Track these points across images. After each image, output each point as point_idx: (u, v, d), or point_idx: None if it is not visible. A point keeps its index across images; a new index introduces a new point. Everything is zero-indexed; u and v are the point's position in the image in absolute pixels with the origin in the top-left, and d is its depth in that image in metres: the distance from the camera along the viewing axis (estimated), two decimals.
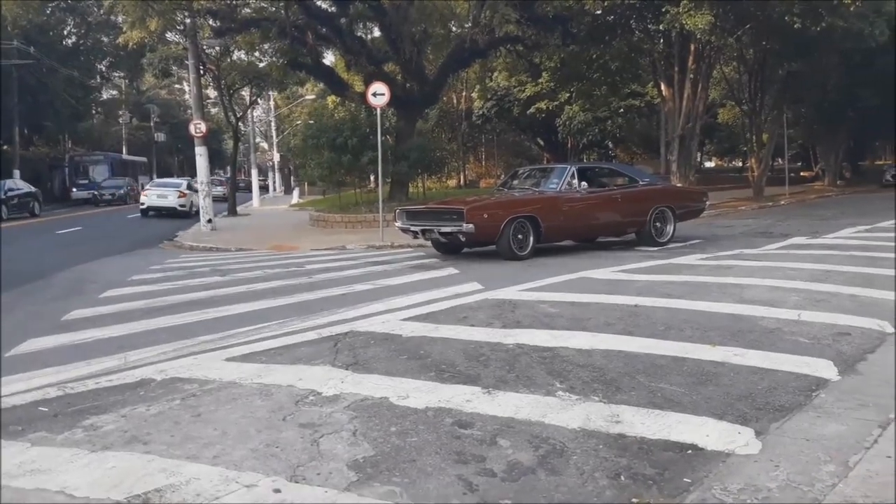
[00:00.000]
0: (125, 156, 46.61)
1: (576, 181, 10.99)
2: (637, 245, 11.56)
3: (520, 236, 10.20)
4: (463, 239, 10.35)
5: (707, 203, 13.35)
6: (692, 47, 19.56)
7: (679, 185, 14.69)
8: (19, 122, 37.00)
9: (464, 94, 41.11)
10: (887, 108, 27.78)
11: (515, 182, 12.52)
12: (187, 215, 24.31)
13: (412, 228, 10.94)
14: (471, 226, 9.86)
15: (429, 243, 11.47)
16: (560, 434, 3.29)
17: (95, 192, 36.08)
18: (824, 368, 4.23)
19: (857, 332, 5.07)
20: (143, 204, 26.25)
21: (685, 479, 2.83)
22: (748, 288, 6.89)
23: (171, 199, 25.88)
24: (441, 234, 10.43)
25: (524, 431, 3.33)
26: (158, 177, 47.96)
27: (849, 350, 4.66)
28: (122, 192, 36.64)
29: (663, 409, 3.60)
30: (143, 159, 50.59)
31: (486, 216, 10.12)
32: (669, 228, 11.79)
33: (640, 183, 12.18)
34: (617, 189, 11.88)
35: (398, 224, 11.29)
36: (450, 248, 11.19)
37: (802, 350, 4.64)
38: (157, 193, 26.29)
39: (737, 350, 4.62)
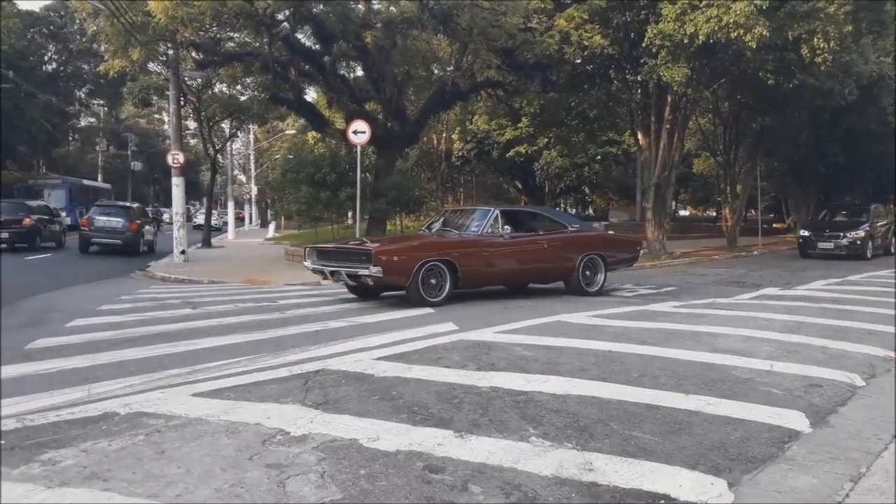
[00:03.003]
0: (86, 181, 43.76)
1: (499, 225, 10.51)
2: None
3: (433, 281, 9.56)
4: (371, 283, 9.58)
5: (641, 252, 12.79)
6: (669, 98, 19.98)
7: (612, 233, 14.22)
8: None
9: (444, 135, 41.46)
10: (854, 165, 28.52)
11: (441, 224, 11.76)
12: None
13: (323, 269, 10.14)
14: (378, 269, 9.16)
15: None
16: (532, 481, 3.24)
17: None
18: (796, 420, 4.24)
19: (828, 385, 5.11)
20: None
21: None
22: (721, 337, 6.93)
23: (198, 219, 36.75)
24: (348, 276, 9.68)
25: (496, 478, 3.28)
26: None
27: (820, 402, 4.68)
28: None
29: (636, 457, 3.57)
30: (108, 186, 47.99)
31: (395, 259, 9.44)
32: (600, 277, 11.31)
33: (570, 229, 11.64)
34: (543, 235, 11.32)
35: (307, 263, 10.51)
36: (365, 292, 10.36)
37: (775, 401, 4.64)
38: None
39: (710, 399, 4.61)
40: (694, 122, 25.79)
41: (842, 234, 20.53)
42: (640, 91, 21.05)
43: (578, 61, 18.62)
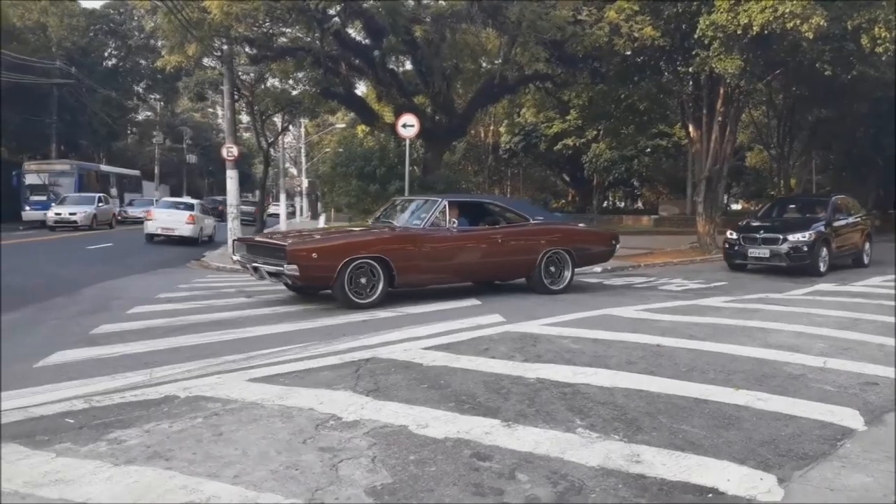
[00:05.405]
0: (105, 167, 39.40)
1: (446, 217, 9.63)
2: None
3: (362, 280, 8.66)
4: (289, 282, 8.84)
5: (617, 246, 11.77)
6: (721, 90, 19.56)
7: (582, 225, 12.61)
8: (56, 138, 37.84)
9: (491, 128, 41.41)
10: None
11: (387, 214, 10.80)
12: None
13: (246, 264, 9.34)
14: (293, 267, 8.28)
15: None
16: (579, 471, 3.28)
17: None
18: (850, 418, 4.18)
19: (884, 383, 5.00)
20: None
21: None
22: (773, 332, 6.83)
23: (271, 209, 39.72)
24: (269, 273, 8.82)
25: (543, 467, 3.33)
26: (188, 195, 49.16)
27: (876, 400, 4.59)
28: None
29: (684, 450, 3.57)
30: (136, 173, 44.21)
31: (314, 257, 8.55)
32: (566, 274, 10.49)
33: (531, 222, 10.65)
34: (499, 228, 10.42)
35: (235, 257, 9.79)
36: (303, 289, 9.54)
37: (828, 398, 4.58)
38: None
39: (760, 395, 4.57)
40: (747, 115, 25.23)
41: (780, 238, 13.86)
42: (691, 83, 20.68)
43: (628, 53, 18.37)
